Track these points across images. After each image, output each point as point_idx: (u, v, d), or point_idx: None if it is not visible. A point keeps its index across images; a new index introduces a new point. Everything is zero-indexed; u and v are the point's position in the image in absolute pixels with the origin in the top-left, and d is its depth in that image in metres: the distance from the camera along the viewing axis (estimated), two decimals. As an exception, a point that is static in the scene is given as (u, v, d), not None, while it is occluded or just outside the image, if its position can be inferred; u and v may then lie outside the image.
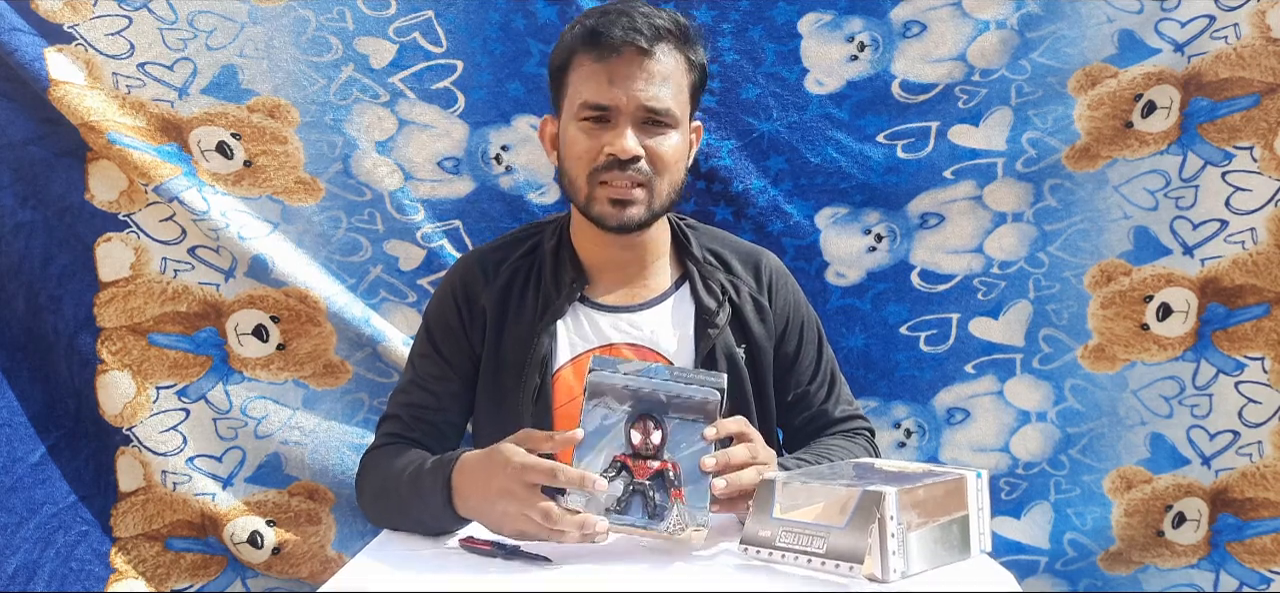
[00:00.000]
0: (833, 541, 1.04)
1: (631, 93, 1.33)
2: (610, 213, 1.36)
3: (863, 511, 1.03)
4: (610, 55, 1.33)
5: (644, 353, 1.42)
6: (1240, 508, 1.76)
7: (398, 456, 1.36)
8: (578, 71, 1.36)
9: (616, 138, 1.34)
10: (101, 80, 1.60)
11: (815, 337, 1.53)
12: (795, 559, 1.06)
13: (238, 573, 1.74)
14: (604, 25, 1.34)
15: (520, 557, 1.15)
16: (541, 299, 1.43)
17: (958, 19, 1.69)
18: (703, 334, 1.42)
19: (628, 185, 1.35)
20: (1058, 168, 1.72)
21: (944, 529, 1.09)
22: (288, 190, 1.68)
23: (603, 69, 1.34)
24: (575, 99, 1.36)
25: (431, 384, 1.45)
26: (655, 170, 1.36)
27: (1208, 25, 1.67)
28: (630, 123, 1.34)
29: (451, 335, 1.45)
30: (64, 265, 1.64)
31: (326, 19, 1.65)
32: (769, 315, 1.48)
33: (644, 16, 1.35)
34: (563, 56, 1.39)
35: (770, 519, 1.10)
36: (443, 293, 1.49)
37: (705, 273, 1.46)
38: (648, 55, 1.34)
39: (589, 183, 1.36)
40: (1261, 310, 1.73)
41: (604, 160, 1.35)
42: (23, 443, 1.63)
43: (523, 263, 1.47)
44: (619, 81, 1.33)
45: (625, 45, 1.33)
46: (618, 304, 1.44)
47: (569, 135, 1.38)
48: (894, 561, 1.03)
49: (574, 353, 1.41)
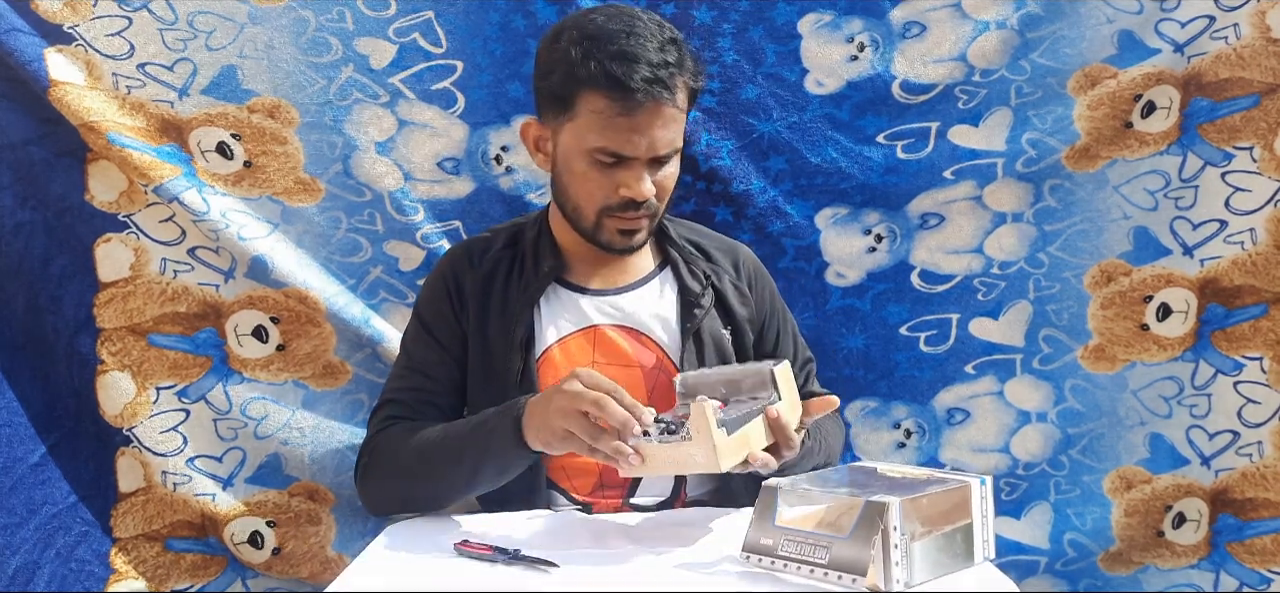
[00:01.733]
0: (836, 551, 1.03)
1: (651, 141, 1.34)
2: (618, 240, 1.41)
3: (866, 521, 1.02)
4: (634, 109, 1.31)
5: (627, 334, 1.45)
6: (1240, 508, 1.76)
7: (420, 430, 1.39)
8: (592, 111, 1.33)
9: (633, 182, 1.36)
10: (101, 81, 1.59)
11: (790, 327, 1.60)
12: (798, 569, 1.06)
13: (238, 574, 1.74)
14: (624, 71, 1.30)
15: (522, 560, 1.15)
16: (522, 282, 1.46)
17: (957, 19, 1.69)
18: (689, 315, 1.46)
19: (637, 220, 1.39)
20: (1057, 168, 1.72)
21: (948, 538, 1.08)
22: (287, 191, 1.67)
23: (625, 121, 1.32)
24: (588, 137, 1.35)
25: (430, 369, 1.48)
26: (659, 200, 1.41)
27: (1208, 26, 1.67)
28: (644, 166, 1.36)
29: (444, 320, 1.48)
30: (64, 266, 1.64)
31: (326, 19, 1.65)
32: (750, 302, 1.53)
33: (660, 53, 1.32)
34: (569, 84, 1.34)
35: (772, 527, 1.10)
36: (433, 281, 1.53)
37: (688, 257, 1.51)
38: (665, 104, 1.33)
39: (598, 216, 1.39)
40: (1260, 310, 1.73)
41: (619, 201, 1.37)
42: (23, 444, 1.62)
43: (506, 252, 1.50)
44: (641, 131, 1.33)
45: (647, 98, 1.31)
46: (600, 287, 1.48)
47: (577, 168, 1.38)
48: (898, 571, 1.02)
49: (560, 335, 1.44)
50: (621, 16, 1.36)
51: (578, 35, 1.34)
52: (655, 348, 1.45)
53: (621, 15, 1.36)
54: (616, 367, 1.42)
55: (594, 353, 1.43)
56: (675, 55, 1.34)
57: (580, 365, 1.36)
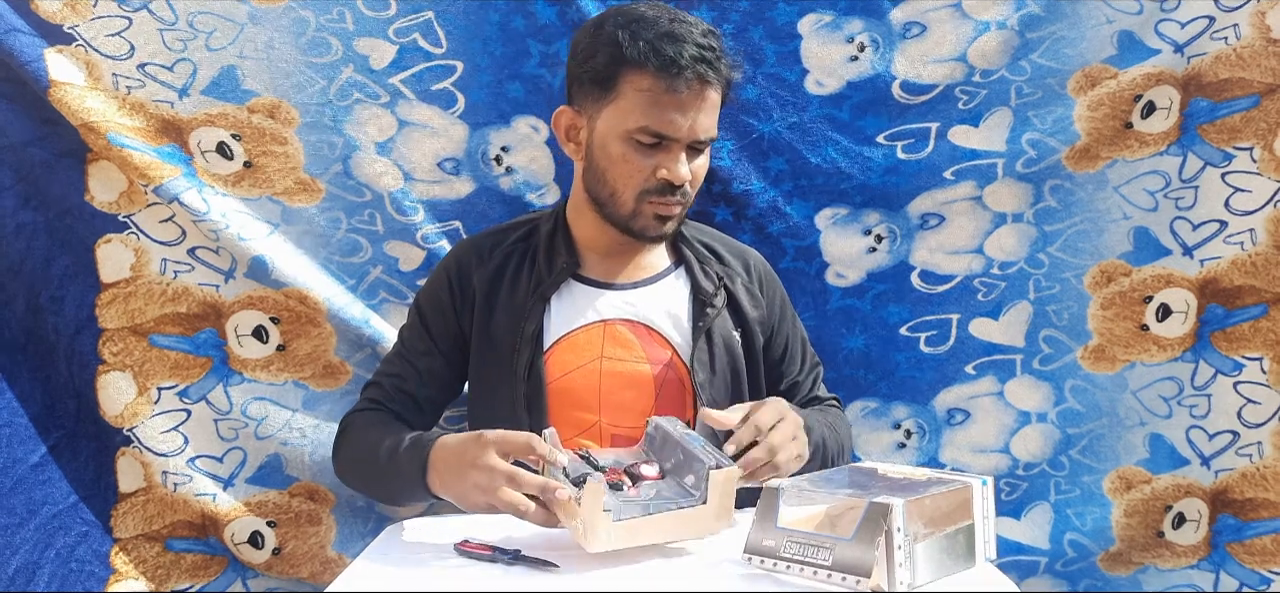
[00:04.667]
0: (839, 552, 1.03)
1: (693, 124, 1.37)
2: (653, 226, 1.43)
3: (870, 522, 1.02)
4: (680, 86, 1.34)
5: (638, 330, 1.46)
6: (1240, 509, 1.76)
7: (376, 427, 1.43)
8: (637, 91, 1.36)
9: (672, 164, 1.38)
10: (101, 81, 1.59)
11: (799, 332, 1.62)
12: (800, 571, 1.06)
13: (238, 574, 1.74)
14: (675, 51, 1.33)
15: (523, 561, 1.15)
16: (534, 278, 1.47)
17: (958, 20, 1.69)
18: (701, 313, 1.47)
19: (673, 205, 1.41)
20: (1058, 168, 1.72)
21: (950, 539, 1.08)
22: (287, 191, 1.67)
23: (672, 99, 1.34)
24: (630, 118, 1.36)
25: (415, 359, 1.52)
26: (692, 189, 1.43)
27: (1207, 26, 1.67)
28: (683, 149, 1.38)
29: (440, 313, 1.51)
30: (65, 266, 1.64)
31: (326, 20, 1.65)
32: (762, 305, 1.55)
33: (705, 39, 1.36)
34: (614, 64, 1.37)
35: (774, 529, 1.10)
36: (437, 272, 1.56)
37: (701, 258, 1.53)
38: (710, 86, 1.36)
39: (636, 200, 1.41)
40: (1260, 311, 1.73)
41: (657, 184, 1.39)
42: (23, 444, 1.62)
43: (518, 246, 1.52)
44: (685, 112, 1.35)
45: (695, 77, 1.34)
46: (613, 281, 1.49)
47: (615, 151, 1.39)
48: (901, 573, 1.02)
49: (569, 328, 1.46)
50: (662, 8, 1.40)
51: (624, 20, 1.38)
52: (666, 345, 1.45)
53: (662, 6, 1.41)
54: (625, 363, 1.43)
55: (603, 347, 1.44)
56: (717, 43, 1.38)
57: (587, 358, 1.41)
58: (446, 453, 1.25)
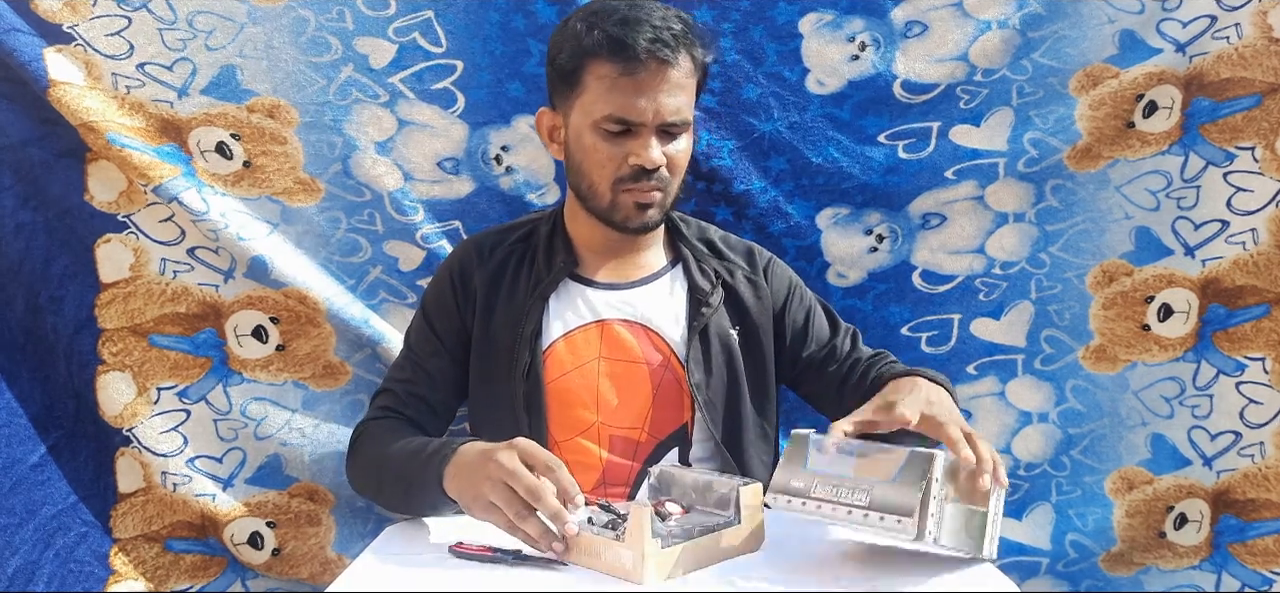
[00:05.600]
0: (878, 494, 1.04)
1: (657, 107, 1.36)
2: (634, 215, 1.42)
3: (913, 467, 1.04)
4: (637, 69, 1.34)
5: (636, 330, 1.45)
6: (1242, 509, 1.76)
7: (391, 434, 1.42)
8: (598, 79, 1.36)
9: (642, 149, 1.37)
10: (101, 80, 1.59)
11: (819, 303, 1.59)
12: (833, 510, 1.05)
13: (238, 574, 1.74)
14: (628, 35, 1.33)
15: (523, 560, 1.15)
16: (533, 278, 1.47)
17: (959, 19, 1.68)
18: (697, 312, 1.46)
19: (650, 190, 1.40)
20: (1059, 168, 1.72)
21: (969, 516, 1.09)
22: (287, 191, 1.67)
23: (630, 83, 1.34)
24: (595, 108, 1.37)
25: (425, 361, 1.51)
26: (671, 174, 1.41)
27: (1209, 25, 1.67)
28: (652, 133, 1.37)
29: (445, 313, 1.51)
30: (65, 266, 1.63)
31: (326, 19, 1.65)
32: (765, 292, 1.53)
33: (662, 22, 1.35)
34: (575, 57, 1.38)
35: (804, 471, 1.09)
36: (440, 273, 1.55)
37: (698, 255, 1.52)
38: (670, 66, 1.35)
39: (612, 190, 1.40)
40: (1262, 311, 1.73)
41: (629, 171, 1.38)
42: (22, 444, 1.62)
43: (518, 246, 1.52)
44: (645, 95, 1.35)
45: (650, 58, 1.33)
46: (611, 281, 1.49)
47: (587, 142, 1.39)
48: (930, 524, 1.03)
49: (567, 329, 1.45)
50: (632, 1, 1.39)
51: (584, 14, 1.39)
52: (663, 345, 1.45)
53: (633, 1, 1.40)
54: (623, 363, 1.43)
55: (601, 347, 1.43)
56: (680, 26, 1.37)
57: (585, 358, 1.41)
58: (472, 450, 1.23)
